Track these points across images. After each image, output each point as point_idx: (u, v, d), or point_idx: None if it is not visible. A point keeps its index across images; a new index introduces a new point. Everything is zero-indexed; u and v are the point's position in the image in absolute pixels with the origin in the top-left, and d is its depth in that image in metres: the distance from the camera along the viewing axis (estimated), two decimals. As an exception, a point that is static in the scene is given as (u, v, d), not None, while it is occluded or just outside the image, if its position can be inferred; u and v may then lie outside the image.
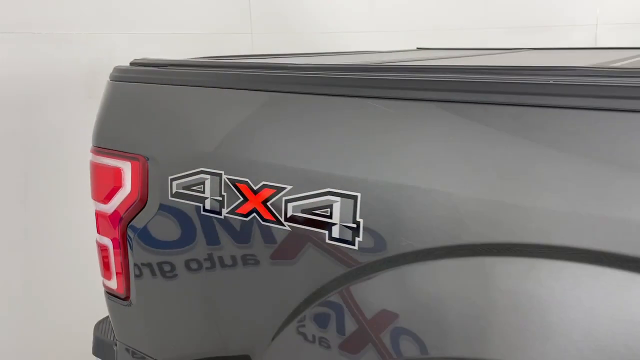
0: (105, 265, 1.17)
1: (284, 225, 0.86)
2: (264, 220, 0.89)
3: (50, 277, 2.01)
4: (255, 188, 0.89)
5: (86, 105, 1.93)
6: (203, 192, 0.95)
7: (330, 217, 0.81)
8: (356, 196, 0.78)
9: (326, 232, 0.81)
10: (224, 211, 0.93)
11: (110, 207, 1.11)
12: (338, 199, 0.80)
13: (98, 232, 1.17)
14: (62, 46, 1.98)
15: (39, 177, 1.95)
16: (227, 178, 0.92)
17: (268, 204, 0.87)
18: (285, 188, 0.85)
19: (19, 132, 1.90)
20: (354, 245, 0.79)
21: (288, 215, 0.85)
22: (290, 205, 0.85)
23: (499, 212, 0.68)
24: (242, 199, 0.91)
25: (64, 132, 2.00)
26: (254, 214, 0.90)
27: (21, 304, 1.95)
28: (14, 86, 1.86)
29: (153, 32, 2.13)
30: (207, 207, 0.95)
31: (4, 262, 1.89)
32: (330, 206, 0.81)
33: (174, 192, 1.00)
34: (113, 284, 1.17)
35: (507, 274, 0.68)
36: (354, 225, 0.79)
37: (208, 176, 0.94)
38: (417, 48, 2.34)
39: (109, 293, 1.19)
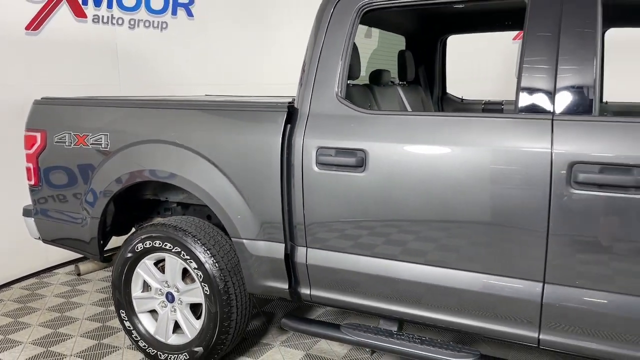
0: (29, 175, 3.04)
1: (89, 146, 2.79)
2: (84, 147, 2.81)
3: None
4: (81, 135, 2.81)
5: (17, 124, 3.76)
6: (66, 140, 2.87)
7: (101, 141, 2.75)
8: (107, 134, 2.73)
9: (100, 145, 2.75)
10: (72, 145, 2.85)
11: (32, 150, 2.99)
12: (103, 135, 2.74)
13: (26, 162, 3.03)
14: (4, 90, 3.82)
15: None
16: (73, 134, 2.84)
17: (85, 140, 2.80)
18: (90, 134, 2.78)
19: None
20: (107, 148, 2.73)
21: (91, 143, 2.78)
22: (92, 139, 2.78)
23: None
24: (78, 140, 2.83)
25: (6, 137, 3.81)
26: (81, 145, 2.82)
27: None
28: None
29: (54, 83, 4.01)
30: (67, 144, 2.86)
31: None
32: (101, 137, 2.75)
33: (55, 141, 2.90)
34: (32, 182, 3.04)
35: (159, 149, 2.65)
36: (108, 142, 2.73)
37: (67, 134, 2.86)
38: (205, 95, 4.33)
39: (30, 186, 3.05)
